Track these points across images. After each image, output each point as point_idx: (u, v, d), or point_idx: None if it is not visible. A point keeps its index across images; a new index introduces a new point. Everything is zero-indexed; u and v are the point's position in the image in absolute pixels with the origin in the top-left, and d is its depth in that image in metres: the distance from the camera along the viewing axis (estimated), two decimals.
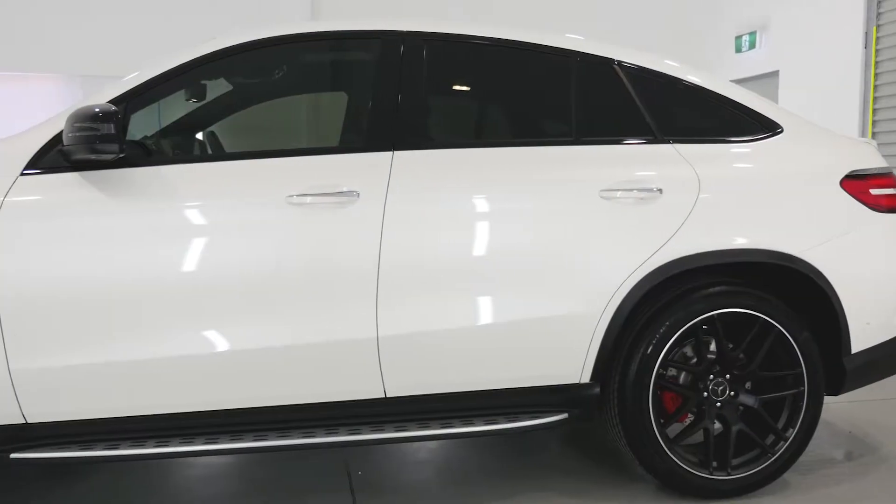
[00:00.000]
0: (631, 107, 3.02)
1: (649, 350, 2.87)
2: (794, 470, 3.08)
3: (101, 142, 2.48)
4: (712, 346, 3.00)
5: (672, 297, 2.91)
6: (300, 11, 8.96)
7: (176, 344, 2.58)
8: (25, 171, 2.57)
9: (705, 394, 2.96)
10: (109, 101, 2.63)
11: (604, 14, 9.85)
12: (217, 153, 3.40)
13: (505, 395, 2.84)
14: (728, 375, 2.97)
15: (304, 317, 2.64)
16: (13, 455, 2.56)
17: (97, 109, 2.49)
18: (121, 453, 2.61)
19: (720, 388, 2.96)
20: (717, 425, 3.00)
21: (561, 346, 2.82)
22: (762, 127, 3.11)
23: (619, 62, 3.05)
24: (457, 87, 3.31)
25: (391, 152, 2.76)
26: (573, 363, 2.84)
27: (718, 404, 2.97)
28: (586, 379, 2.87)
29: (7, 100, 8.51)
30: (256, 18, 8.01)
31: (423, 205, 2.74)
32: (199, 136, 3.48)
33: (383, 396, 2.74)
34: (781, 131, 3.12)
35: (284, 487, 3.14)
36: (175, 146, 3.30)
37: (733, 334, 2.97)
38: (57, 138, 2.59)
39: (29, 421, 2.56)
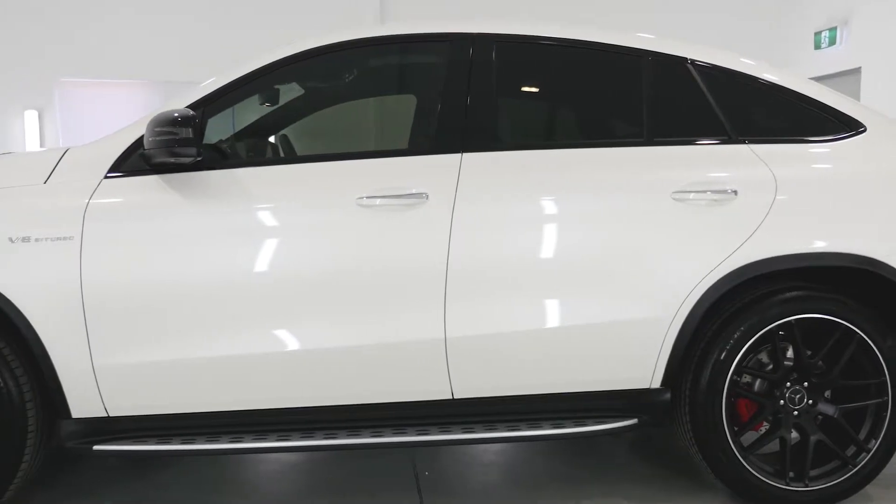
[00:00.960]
0: (704, 106, 2.95)
1: (723, 356, 2.79)
2: (876, 483, 2.95)
3: (179, 145, 2.56)
4: (789, 353, 2.90)
5: (747, 302, 2.83)
6: (369, 16, 9.07)
7: (249, 342, 2.65)
8: (109, 174, 2.68)
9: (781, 402, 2.87)
10: (187, 107, 2.71)
11: (679, 12, 9.64)
12: (289, 156, 3.48)
13: (572, 398, 2.82)
14: (806, 383, 2.88)
15: (372, 317, 2.67)
16: (96, 447, 2.67)
17: (176, 114, 2.57)
18: (196, 448, 2.69)
19: (797, 396, 2.87)
20: (795, 435, 2.91)
21: (631, 351, 2.78)
22: (843, 126, 2.99)
23: (693, 61, 2.99)
24: (526, 89, 3.30)
25: (460, 154, 2.77)
26: (643, 368, 2.80)
27: (796, 413, 2.87)
28: (657, 384, 2.82)
29: (94, 105, 8.90)
30: (326, 24, 8.14)
31: (491, 207, 2.74)
32: (272, 139, 3.56)
33: (451, 398, 2.75)
34: (864, 130, 3.00)
35: (354, 485, 3.18)
36: (249, 149, 3.39)
37: (812, 341, 2.87)
38: (138, 142, 2.69)
39: (110, 414, 2.67)
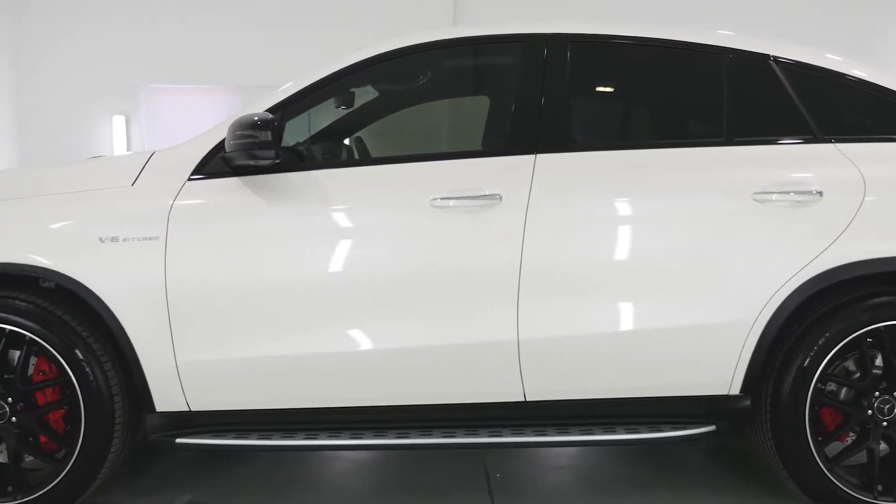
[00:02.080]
0: (788, 104, 2.86)
1: (806, 363, 2.70)
2: None
3: (259, 148, 2.62)
4: (878, 361, 2.78)
5: (833, 307, 2.72)
6: (442, 18, 9.11)
7: (324, 341, 2.69)
8: (192, 177, 2.77)
9: (870, 412, 2.75)
10: (266, 110, 2.78)
11: (775, 10, 9.30)
12: (364, 158, 3.53)
13: (647, 403, 2.77)
14: None
15: (445, 318, 2.68)
16: (178, 440, 2.76)
17: (255, 118, 2.64)
18: (272, 443, 2.75)
19: (887, 406, 2.74)
20: (884, 446, 2.78)
21: (709, 356, 2.71)
22: None
23: (776, 58, 2.89)
24: (601, 89, 3.26)
25: (534, 155, 2.76)
26: (722, 373, 2.73)
27: (885, 424, 2.75)
28: (736, 390, 2.74)
29: (177, 110, 9.22)
30: (400, 27, 8.22)
31: (566, 208, 2.71)
32: (347, 141, 3.62)
33: (523, 400, 2.74)
34: None
35: (425, 485, 3.20)
36: (325, 151, 3.45)
37: None
38: (220, 146, 2.77)
39: (192, 409, 2.76)
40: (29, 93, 9.14)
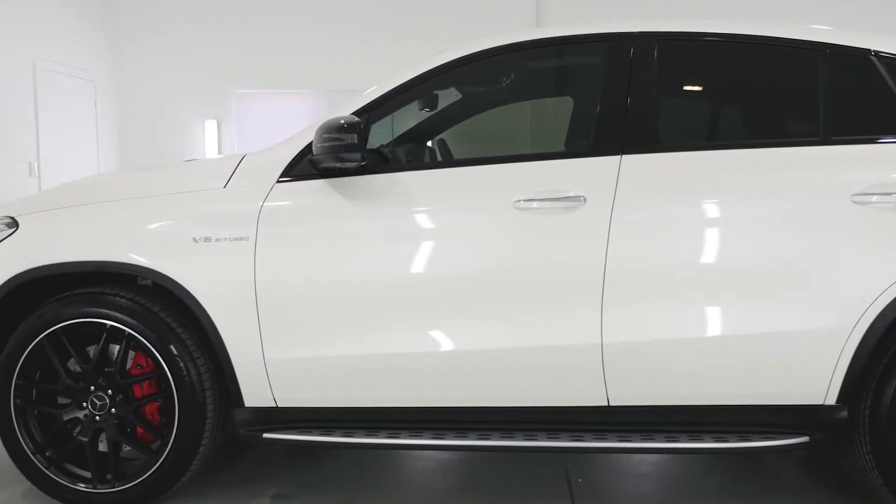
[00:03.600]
0: (890, 101, 2.72)
1: None
2: None
3: (345, 151, 2.67)
4: None
5: None
6: (524, 19, 9.07)
7: (407, 341, 2.72)
8: (281, 179, 2.84)
9: None
10: (352, 113, 2.82)
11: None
12: (447, 160, 3.55)
13: (736, 411, 2.69)
14: None
15: (528, 320, 2.67)
16: (265, 435, 2.84)
17: (342, 121, 2.69)
18: (354, 441, 2.80)
19: None
20: None
21: (802, 364, 2.61)
22: None
23: (877, 53, 2.76)
24: (689, 88, 3.18)
25: (619, 156, 2.71)
26: (816, 382, 2.61)
27: None
28: (832, 401, 2.62)
29: (265, 114, 9.51)
30: (482, 29, 8.22)
31: (652, 210, 2.66)
32: (430, 143, 3.64)
33: (606, 405, 2.70)
34: None
35: (506, 487, 3.19)
36: (409, 153, 3.48)
37: None
38: (307, 148, 2.83)
39: (279, 405, 2.83)
40: (129, 101, 9.63)
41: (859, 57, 2.77)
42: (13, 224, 2.95)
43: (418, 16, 9.26)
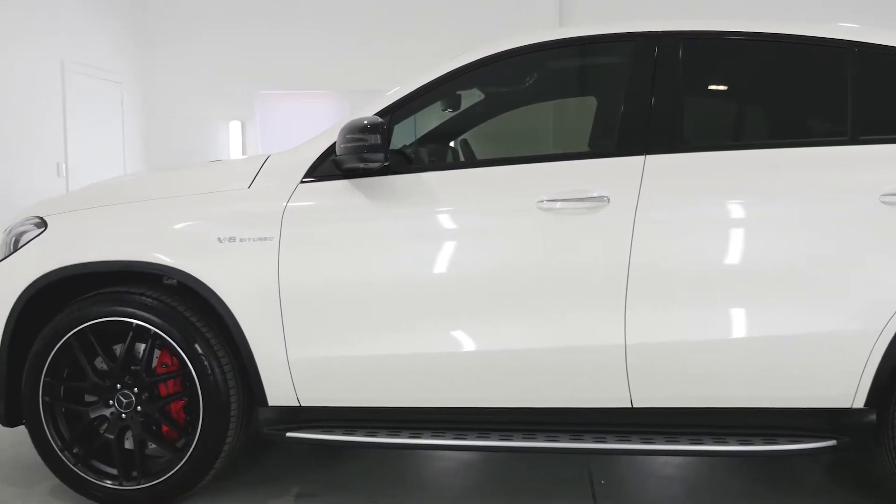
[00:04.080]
0: None
1: None
2: None
3: (368, 151, 2.68)
4: None
5: None
6: (547, 19, 9.04)
7: (430, 342, 2.72)
8: (304, 179, 2.85)
9: None
10: (375, 114, 2.83)
11: None
12: (470, 160, 3.55)
13: (762, 414, 2.66)
14: None
15: (551, 320, 2.66)
16: (289, 434, 2.85)
17: (365, 122, 2.69)
18: (377, 440, 2.81)
19: None
20: None
21: (830, 366, 2.57)
22: None
23: None
24: (714, 87, 3.15)
25: (643, 156, 2.69)
26: (844, 385, 2.58)
27: None
28: (860, 404, 2.59)
29: (289, 114, 9.57)
30: (504, 29, 8.22)
31: (677, 210, 2.64)
32: (453, 143, 3.64)
33: (630, 406, 2.68)
34: None
35: (528, 488, 3.18)
36: (431, 154, 3.48)
37: None
38: (331, 149, 2.83)
39: (302, 404, 2.84)
40: (155, 102, 9.73)
41: (889, 55, 2.73)
42: (42, 224, 3.00)
43: (440, 17, 9.27)
